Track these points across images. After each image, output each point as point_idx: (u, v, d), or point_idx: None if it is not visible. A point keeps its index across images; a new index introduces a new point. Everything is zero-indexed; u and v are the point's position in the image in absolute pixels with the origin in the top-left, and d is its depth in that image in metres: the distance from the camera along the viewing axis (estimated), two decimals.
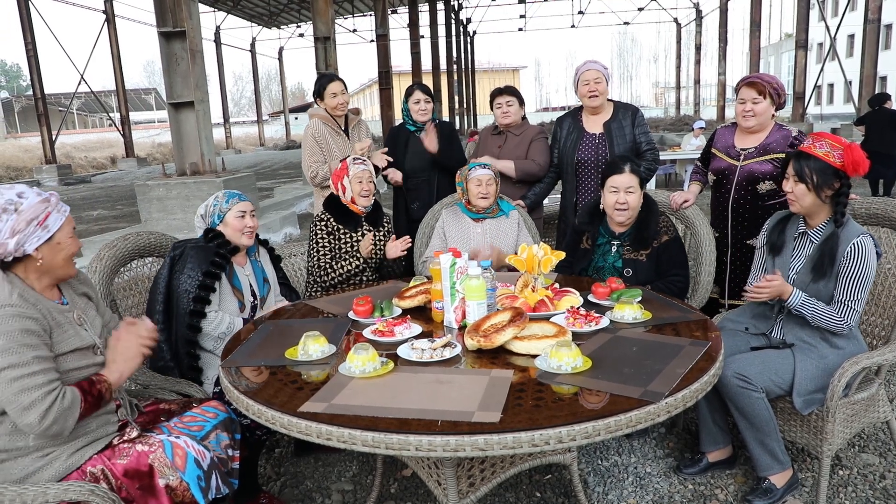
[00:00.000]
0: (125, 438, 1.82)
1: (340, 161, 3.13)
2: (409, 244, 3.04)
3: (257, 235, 2.69)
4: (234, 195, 2.60)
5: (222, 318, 2.43)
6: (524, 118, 3.87)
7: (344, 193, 3.04)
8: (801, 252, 2.33)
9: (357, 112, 4.08)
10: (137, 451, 1.77)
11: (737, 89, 2.99)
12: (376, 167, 3.75)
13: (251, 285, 2.60)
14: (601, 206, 2.81)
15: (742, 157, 3.00)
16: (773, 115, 2.99)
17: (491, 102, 3.85)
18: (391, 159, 3.80)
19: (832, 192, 2.20)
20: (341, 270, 2.98)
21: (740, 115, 2.96)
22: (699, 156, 3.38)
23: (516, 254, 2.41)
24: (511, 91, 3.79)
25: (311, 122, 3.86)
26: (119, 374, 1.79)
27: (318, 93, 3.84)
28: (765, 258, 2.46)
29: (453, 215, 3.28)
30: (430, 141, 3.75)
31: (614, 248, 2.78)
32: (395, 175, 3.82)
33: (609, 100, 3.47)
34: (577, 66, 3.47)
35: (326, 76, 3.87)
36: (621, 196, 2.69)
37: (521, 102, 3.81)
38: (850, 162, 2.15)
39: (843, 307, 2.17)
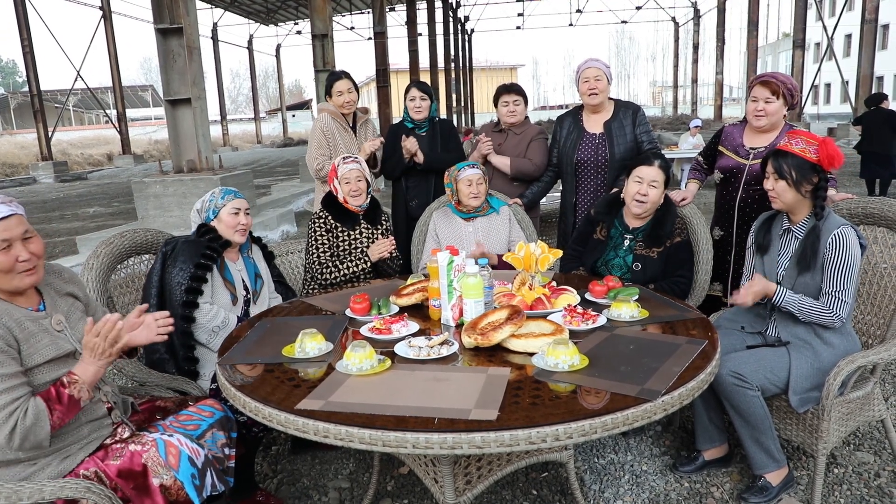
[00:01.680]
0: (118, 438, 1.80)
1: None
2: (393, 246, 3.03)
3: (250, 233, 2.70)
4: (231, 192, 2.61)
5: (217, 312, 2.43)
6: (526, 117, 3.87)
7: (337, 193, 3.05)
8: (787, 249, 2.35)
9: (366, 111, 4.12)
10: (130, 450, 1.75)
11: (750, 87, 2.94)
12: (376, 160, 3.76)
13: (243, 280, 2.61)
14: (621, 197, 2.85)
15: (751, 157, 2.98)
16: (785, 116, 2.96)
17: (496, 99, 3.81)
18: (382, 140, 3.80)
19: (811, 186, 2.24)
20: (346, 271, 2.98)
21: (752, 113, 2.92)
22: (700, 153, 3.36)
23: (510, 250, 2.41)
24: (518, 90, 3.75)
25: (321, 116, 3.92)
26: (94, 372, 1.69)
27: (327, 90, 3.90)
28: (753, 258, 2.48)
29: (444, 216, 3.28)
30: (409, 151, 3.69)
31: (626, 243, 2.81)
32: (411, 144, 3.68)
33: (610, 98, 3.46)
34: (578, 64, 3.46)
35: (334, 74, 3.90)
36: (644, 187, 2.73)
37: (526, 101, 3.81)
38: (825, 156, 2.20)
39: (831, 298, 2.18)
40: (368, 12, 29.47)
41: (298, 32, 35.33)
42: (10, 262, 1.63)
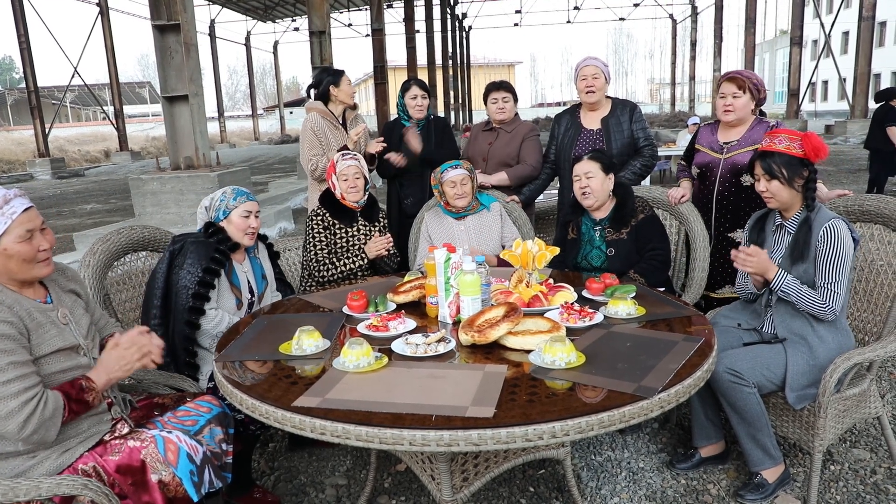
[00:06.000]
0: (117, 434, 1.80)
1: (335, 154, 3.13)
2: (391, 243, 3.04)
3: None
4: (243, 193, 2.55)
5: (222, 317, 2.40)
6: (516, 114, 3.87)
7: (335, 190, 3.04)
8: (781, 244, 2.36)
9: (354, 107, 4.08)
10: (129, 446, 1.75)
11: (718, 84, 3.07)
12: (374, 156, 3.75)
13: (249, 282, 2.58)
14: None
15: (725, 151, 3.08)
16: (753, 111, 3.06)
17: (485, 97, 3.83)
18: (385, 145, 3.78)
19: (803, 180, 2.26)
20: (343, 268, 2.97)
21: (721, 109, 3.04)
22: (682, 156, 3.41)
23: (504, 247, 2.41)
24: (507, 87, 3.77)
25: (310, 116, 3.87)
26: (107, 380, 1.74)
27: (334, 83, 3.82)
28: None
29: (435, 216, 3.29)
30: (413, 143, 3.72)
31: (598, 233, 2.89)
32: (397, 157, 3.74)
33: (607, 96, 3.48)
34: (576, 62, 3.48)
35: (338, 70, 3.90)
36: (582, 181, 2.84)
37: (515, 99, 3.81)
38: (810, 149, 2.23)
39: (824, 291, 2.19)
40: (366, 9, 29.40)
41: (296, 29, 35.27)
42: (33, 251, 1.68)
